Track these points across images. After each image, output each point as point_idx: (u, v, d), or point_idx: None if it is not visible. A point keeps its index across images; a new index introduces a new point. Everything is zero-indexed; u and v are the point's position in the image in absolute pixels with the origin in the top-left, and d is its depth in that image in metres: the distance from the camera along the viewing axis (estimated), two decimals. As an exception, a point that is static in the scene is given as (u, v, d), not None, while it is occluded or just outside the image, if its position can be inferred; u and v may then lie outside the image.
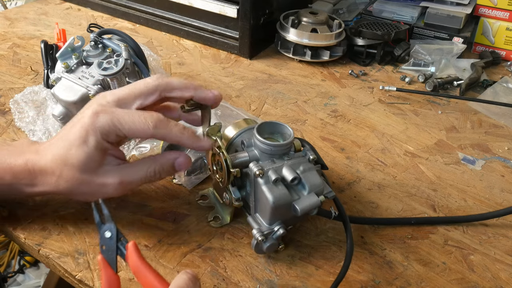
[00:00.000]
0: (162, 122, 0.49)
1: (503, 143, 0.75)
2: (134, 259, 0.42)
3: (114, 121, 0.48)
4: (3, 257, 1.44)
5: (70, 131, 0.49)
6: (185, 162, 0.53)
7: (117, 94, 0.50)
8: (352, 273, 0.52)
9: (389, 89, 0.85)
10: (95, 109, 0.49)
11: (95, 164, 0.49)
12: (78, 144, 0.48)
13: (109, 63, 0.64)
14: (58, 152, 0.49)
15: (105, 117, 0.48)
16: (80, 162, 0.48)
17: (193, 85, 0.53)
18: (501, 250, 0.56)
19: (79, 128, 0.49)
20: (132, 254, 0.42)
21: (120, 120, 0.48)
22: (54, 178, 0.49)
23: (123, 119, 0.48)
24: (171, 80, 0.52)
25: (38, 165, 0.50)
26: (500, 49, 1.00)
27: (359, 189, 0.64)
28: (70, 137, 0.49)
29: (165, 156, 0.52)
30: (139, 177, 0.51)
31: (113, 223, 0.45)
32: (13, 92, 0.79)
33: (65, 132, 0.50)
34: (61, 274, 0.52)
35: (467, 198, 0.64)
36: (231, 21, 0.93)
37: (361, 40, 0.95)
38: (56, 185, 0.50)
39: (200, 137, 0.52)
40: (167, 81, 0.52)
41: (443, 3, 1.00)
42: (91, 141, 0.48)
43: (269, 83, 0.87)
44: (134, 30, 1.04)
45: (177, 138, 0.50)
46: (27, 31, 1.00)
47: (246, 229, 0.56)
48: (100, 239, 0.44)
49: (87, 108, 0.50)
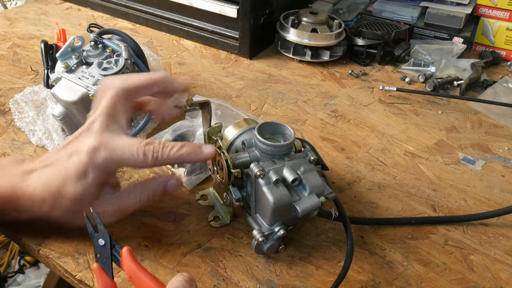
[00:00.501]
0: (160, 152, 0.49)
1: (503, 143, 0.75)
2: (129, 264, 0.42)
3: (113, 156, 0.48)
4: (3, 257, 1.44)
5: (67, 163, 0.48)
6: (176, 184, 0.53)
7: (103, 120, 0.50)
8: (352, 273, 0.52)
9: (389, 89, 0.85)
10: (93, 145, 0.48)
11: (92, 197, 0.49)
12: (76, 179, 0.48)
13: (109, 63, 0.64)
14: (52, 183, 0.48)
15: (104, 153, 0.48)
16: (77, 195, 0.48)
17: (156, 79, 0.53)
18: (501, 250, 0.56)
19: (77, 163, 0.48)
20: (127, 260, 0.43)
21: (120, 155, 0.48)
22: (46, 206, 0.48)
23: (122, 153, 0.48)
24: (134, 82, 0.52)
25: (26, 193, 0.48)
26: (500, 49, 1.00)
27: (359, 189, 0.64)
28: (67, 170, 0.48)
29: (156, 180, 0.53)
30: (132, 204, 0.51)
31: (106, 231, 0.45)
32: (13, 92, 0.79)
33: (59, 162, 0.49)
34: (61, 274, 0.52)
35: (467, 198, 0.64)
36: (231, 21, 0.93)
37: (361, 40, 0.95)
38: (48, 212, 0.49)
39: (200, 146, 0.51)
40: (132, 84, 0.52)
41: (443, 3, 1.00)
42: (90, 177, 0.48)
43: (269, 83, 0.87)
44: (134, 30, 1.04)
45: (179, 159, 0.50)
46: (27, 31, 1.00)
47: (246, 229, 0.56)
48: (94, 247, 0.45)
49: (81, 140, 0.49)
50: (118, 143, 0.49)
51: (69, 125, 0.66)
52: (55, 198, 0.48)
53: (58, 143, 0.65)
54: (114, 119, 0.51)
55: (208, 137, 0.55)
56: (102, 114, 0.50)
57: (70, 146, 0.50)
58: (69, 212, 0.49)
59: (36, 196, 0.48)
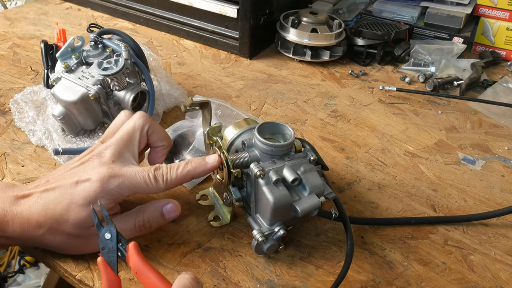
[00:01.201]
0: (169, 174, 0.50)
1: (503, 143, 0.75)
2: (135, 260, 0.42)
3: (126, 183, 0.49)
4: (3, 257, 1.44)
5: (73, 189, 0.48)
6: (174, 208, 0.52)
7: (117, 149, 0.51)
8: (352, 273, 0.52)
9: (389, 89, 0.85)
10: (105, 173, 0.48)
11: (92, 223, 0.48)
12: (81, 204, 0.47)
13: (109, 63, 0.64)
14: (55, 207, 0.47)
15: (117, 181, 0.48)
16: (79, 220, 0.47)
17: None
18: (501, 250, 0.56)
19: (87, 190, 0.47)
20: (133, 255, 0.42)
21: (132, 183, 0.49)
22: (42, 230, 0.47)
23: (135, 181, 0.49)
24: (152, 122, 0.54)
25: (18, 216, 0.47)
26: (500, 49, 1.00)
27: (359, 189, 0.64)
28: (72, 195, 0.47)
29: (153, 204, 0.52)
30: (128, 229, 0.50)
31: (113, 225, 0.45)
32: (13, 92, 0.79)
33: (64, 188, 0.48)
34: (61, 274, 0.52)
35: (467, 198, 0.64)
36: (231, 21, 0.93)
37: (361, 40, 0.95)
38: (42, 236, 0.48)
39: (204, 158, 0.51)
40: (147, 122, 0.54)
41: (443, 3, 1.00)
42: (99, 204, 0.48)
43: (269, 83, 0.87)
44: (134, 30, 1.04)
45: (188, 176, 0.51)
46: (27, 31, 1.00)
47: (246, 229, 0.56)
48: (100, 241, 0.44)
49: (91, 167, 0.49)
50: (130, 171, 0.49)
51: (69, 125, 0.66)
52: (56, 222, 0.47)
53: (58, 143, 0.65)
54: (128, 148, 0.52)
55: (208, 137, 0.55)
56: (118, 142, 0.51)
57: (76, 171, 0.49)
58: (68, 237, 0.48)
59: (32, 220, 0.47)
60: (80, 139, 0.67)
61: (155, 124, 0.55)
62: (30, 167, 0.64)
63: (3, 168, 0.63)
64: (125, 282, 0.49)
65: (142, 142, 0.54)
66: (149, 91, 0.68)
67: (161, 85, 0.77)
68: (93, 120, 0.67)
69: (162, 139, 0.56)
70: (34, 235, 0.47)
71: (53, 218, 0.47)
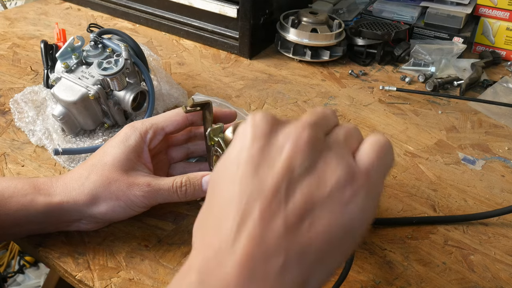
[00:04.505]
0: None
1: (503, 143, 0.75)
2: None
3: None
4: (3, 257, 1.45)
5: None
6: None
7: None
8: (352, 273, 0.52)
9: (389, 89, 0.85)
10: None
11: (129, 164, 0.49)
12: (116, 144, 0.50)
13: (109, 63, 0.64)
14: (91, 162, 0.50)
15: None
16: (115, 159, 0.49)
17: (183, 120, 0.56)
18: (501, 250, 0.56)
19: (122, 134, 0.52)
20: None
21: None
22: (79, 182, 0.49)
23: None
24: (159, 121, 0.54)
25: (59, 179, 0.50)
26: (500, 49, 1.00)
27: (359, 189, 0.64)
28: (105, 146, 0.51)
29: (193, 173, 0.52)
30: (166, 186, 0.50)
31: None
32: (13, 92, 0.79)
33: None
34: (61, 274, 0.52)
35: (467, 198, 0.64)
36: (231, 21, 0.93)
37: (361, 40, 0.95)
38: (80, 191, 0.49)
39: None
40: (155, 124, 0.54)
41: (443, 3, 1.00)
42: (131, 140, 0.50)
43: (269, 83, 0.87)
44: (134, 30, 1.04)
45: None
46: (27, 31, 1.00)
47: (246, 229, 0.56)
48: None
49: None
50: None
51: (69, 125, 0.66)
52: (90, 170, 0.49)
53: (58, 143, 0.65)
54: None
55: (209, 138, 0.55)
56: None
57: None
58: (102, 183, 0.49)
59: (73, 174, 0.50)
60: (80, 139, 0.67)
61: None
62: (30, 167, 0.64)
63: (3, 168, 0.63)
64: (125, 282, 0.49)
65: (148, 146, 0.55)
66: (149, 91, 0.68)
67: (161, 85, 0.77)
68: (93, 120, 0.67)
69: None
70: (73, 188, 0.49)
71: (89, 167, 0.50)
